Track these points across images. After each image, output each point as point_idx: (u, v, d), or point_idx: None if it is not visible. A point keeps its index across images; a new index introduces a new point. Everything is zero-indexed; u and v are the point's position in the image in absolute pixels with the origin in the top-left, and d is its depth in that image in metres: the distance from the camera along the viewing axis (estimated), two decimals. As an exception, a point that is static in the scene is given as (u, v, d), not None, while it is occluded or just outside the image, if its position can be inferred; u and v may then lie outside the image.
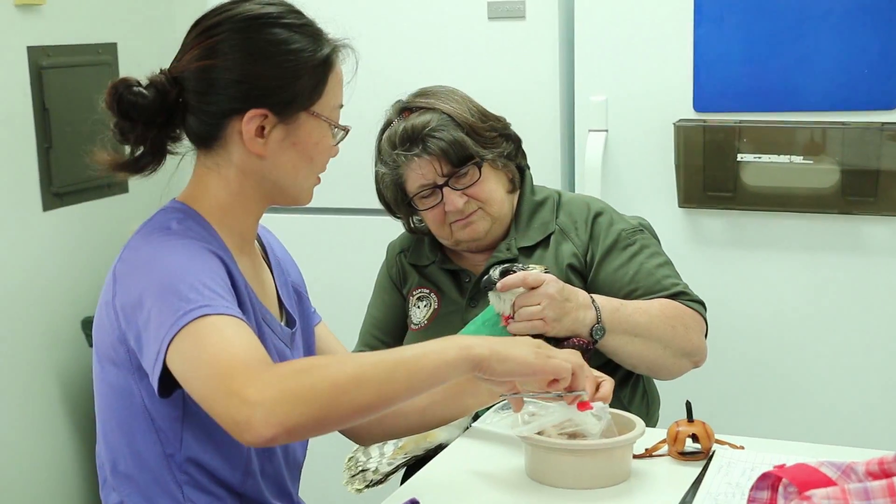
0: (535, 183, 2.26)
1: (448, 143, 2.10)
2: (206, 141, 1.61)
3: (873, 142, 2.48)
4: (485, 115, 2.18)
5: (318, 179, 1.69)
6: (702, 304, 2.14)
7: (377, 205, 2.29)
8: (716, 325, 2.17)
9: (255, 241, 1.74)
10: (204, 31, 1.59)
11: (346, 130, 1.67)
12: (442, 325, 2.16)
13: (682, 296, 2.11)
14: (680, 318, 2.07)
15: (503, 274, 1.97)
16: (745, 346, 2.68)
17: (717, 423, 1.83)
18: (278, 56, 1.57)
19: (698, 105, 2.63)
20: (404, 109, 2.17)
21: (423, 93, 2.19)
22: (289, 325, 1.72)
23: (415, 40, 2.86)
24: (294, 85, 1.58)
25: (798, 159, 2.54)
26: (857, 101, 2.51)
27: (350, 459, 2.06)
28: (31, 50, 2.91)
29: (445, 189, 2.12)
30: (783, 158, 2.55)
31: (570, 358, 1.59)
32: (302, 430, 1.36)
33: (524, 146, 2.25)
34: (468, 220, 2.14)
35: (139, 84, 1.57)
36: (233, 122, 1.58)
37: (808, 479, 1.31)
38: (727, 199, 2.63)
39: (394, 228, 2.37)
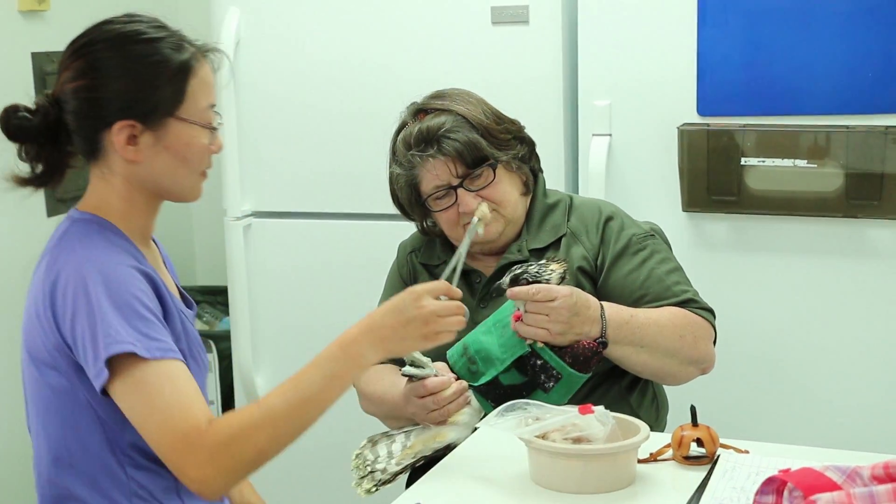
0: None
1: (463, 144, 2.10)
2: (90, 154, 1.74)
3: (877, 145, 2.48)
4: (500, 118, 2.19)
5: (204, 175, 1.80)
6: (711, 311, 2.14)
7: (386, 209, 2.29)
8: (720, 328, 2.17)
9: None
10: (73, 52, 1.73)
11: (212, 129, 1.76)
12: None
13: (691, 303, 2.11)
14: (689, 328, 2.07)
15: (514, 280, 1.97)
16: (750, 349, 2.68)
17: (722, 427, 1.83)
18: (134, 71, 1.70)
19: (702, 109, 2.62)
20: (419, 111, 2.18)
21: (438, 94, 2.20)
22: (189, 307, 1.88)
23: (419, 45, 2.86)
24: (153, 95, 1.69)
25: (802, 163, 2.54)
26: (861, 104, 2.50)
27: (357, 457, 2.06)
28: (35, 56, 2.92)
29: (460, 190, 2.13)
30: (787, 162, 2.54)
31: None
32: (237, 483, 1.67)
33: (530, 150, 2.26)
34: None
35: (27, 109, 1.72)
36: (106, 135, 1.71)
37: (814, 483, 1.31)
38: (731, 203, 2.62)
39: (403, 233, 2.37)
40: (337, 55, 2.93)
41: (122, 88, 1.69)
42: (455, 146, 2.10)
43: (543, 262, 2.01)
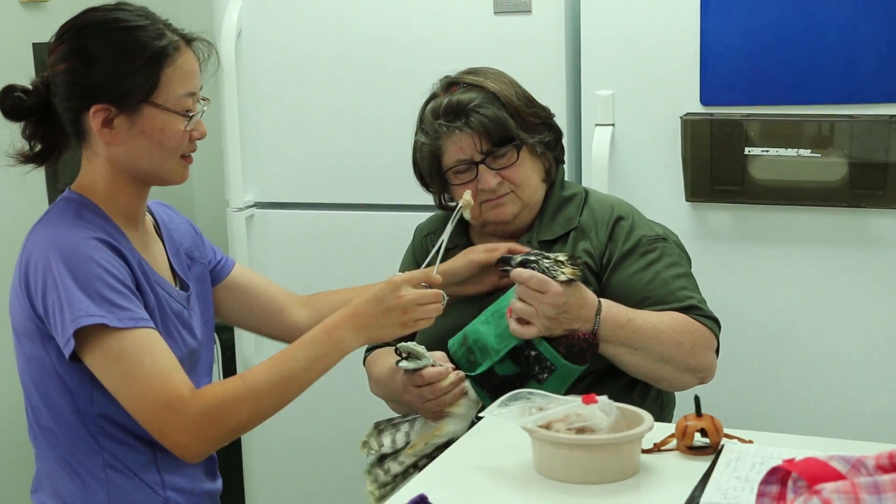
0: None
1: (491, 120, 2.11)
2: (76, 136, 1.82)
3: (881, 135, 2.47)
4: (530, 101, 2.20)
5: (189, 159, 1.85)
6: (715, 320, 2.11)
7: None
8: (724, 319, 2.16)
9: (149, 217, 1.95)
10: (59, 36, 1.80)
11: (188, 117, 1.79)
12: (457, 311, 2.15)
13: (694, 310, 2.08)
14: (688, 335, 2.05)
15: (521, 264, 1.96)
16: (754, 340, 2.67)
17: (726, 417, 1.82)
18: (109, 57, 1.75)
19: (705, 98, 2.62)
20: (451, 84, 2.18)
21: (471, 70, 2.22)
22: (183, 288, 1.92)
23: (421, 35, 2.85)
24: (125, 81, 1.75)
25: (806, 152, 2.53)
26: (866, 93, 2.49)
27: (364, 444, 2.08)
28: (36, 47, 2.91)
29: (481, 167, 2.13)
30: (791, 152, 2.54)
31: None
32: (217, 449, 1.77)
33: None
34: (498, 202, 2.14)
35: (23, 90, 1.80)
36: (86, 118, 1.78)
37: (818, 473, 1.30)
38: (735, 193, 2.62)
39: (406, 224, 2.37)
40: (339, 45, 2.93)
41: (98, 73, 1.75)
42: (483, 121, 2.10)
43: (561, 260, 1.98)
